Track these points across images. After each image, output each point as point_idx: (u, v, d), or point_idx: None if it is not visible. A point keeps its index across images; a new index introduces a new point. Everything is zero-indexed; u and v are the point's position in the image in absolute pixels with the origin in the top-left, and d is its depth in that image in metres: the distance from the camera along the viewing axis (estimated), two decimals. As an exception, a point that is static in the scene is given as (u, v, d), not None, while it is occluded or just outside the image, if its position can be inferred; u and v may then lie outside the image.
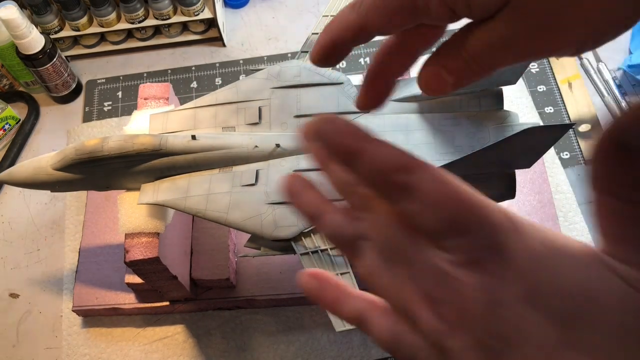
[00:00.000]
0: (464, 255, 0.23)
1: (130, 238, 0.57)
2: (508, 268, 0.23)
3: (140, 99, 0.64)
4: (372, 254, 0.26)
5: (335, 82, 0.58)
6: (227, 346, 0.70)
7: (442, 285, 0.23)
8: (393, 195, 0.24)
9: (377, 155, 0.25)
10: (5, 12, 0.76)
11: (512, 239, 0.23)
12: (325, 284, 0.29)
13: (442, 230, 0.23)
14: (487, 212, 0.23)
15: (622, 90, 0.83)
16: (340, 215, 0.27)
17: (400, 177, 0.24)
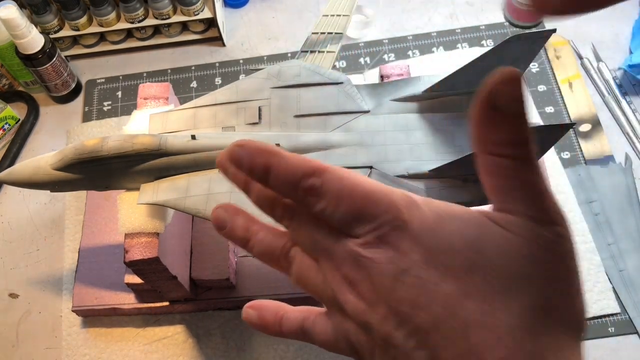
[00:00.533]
0: (372, 236, 0.26)
1: (130, 238, 0.57)
2: (409, 239, 0.25)
3: (140, 98, 0.64)
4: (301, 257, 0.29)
5: (335, 81, 0.58)
6: (227, 346, 0.70)
7: (356, 267, 0.26)
8: (305, 200, 0.27)
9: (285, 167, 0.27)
10: (5, 12, 0.75)
11: (410, 214, 0.26)
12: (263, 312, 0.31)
13: (349, 220, 0.26)
14: (386, 196, 0.26)
15: (622, 90, 0.83)
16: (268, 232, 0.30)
17: (307, 182, 0.27)
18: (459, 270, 0.25)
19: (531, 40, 0.50)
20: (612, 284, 0.70)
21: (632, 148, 0.79)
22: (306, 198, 0.27)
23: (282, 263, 0.30)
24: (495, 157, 0.26)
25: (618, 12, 0.91)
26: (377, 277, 0.26)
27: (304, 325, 0.30)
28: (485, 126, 0.26)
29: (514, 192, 0.26)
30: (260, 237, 0.30)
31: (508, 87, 0.24)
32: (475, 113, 0.26)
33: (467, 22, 0.92)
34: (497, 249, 0.25)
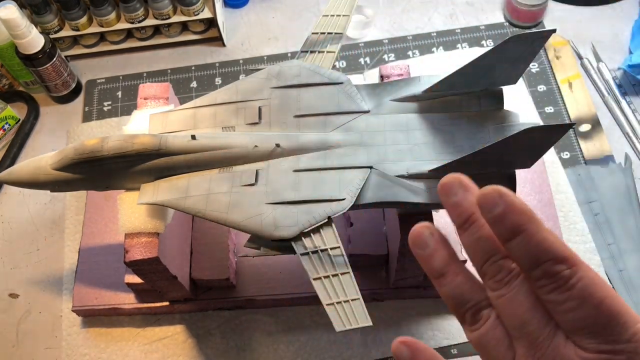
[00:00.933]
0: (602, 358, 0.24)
1: (130, 238, 0.57)
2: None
3: (140, 98, 0.64)
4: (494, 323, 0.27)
5: (335, 81, 0.58)
6: (227, 346, 0.70)
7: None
8: (542, 282, 0.25)
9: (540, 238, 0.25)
10: (5, 12, 0.75)
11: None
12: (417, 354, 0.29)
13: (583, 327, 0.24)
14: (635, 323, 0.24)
15: (622, 90, 0.83)
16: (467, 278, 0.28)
17: (557, 267, 0.25)
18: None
19: (531, 40, 0.50)
20: (612, 284, 0.70)
21: (632, 148, 0.79)
22: (543, 280, 0.25)
23: (467, 317, 0.28)
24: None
25: (618, 12, 0.91)
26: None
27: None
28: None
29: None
30: (458, 279, 0.28)
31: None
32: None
33: (467, 22, 0.92)
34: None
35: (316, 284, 0.49)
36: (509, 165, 0.52)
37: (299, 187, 0.53)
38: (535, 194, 0.73)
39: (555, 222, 0.71)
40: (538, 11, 0.88)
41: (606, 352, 0.24)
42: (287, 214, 0.52)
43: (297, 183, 0.53)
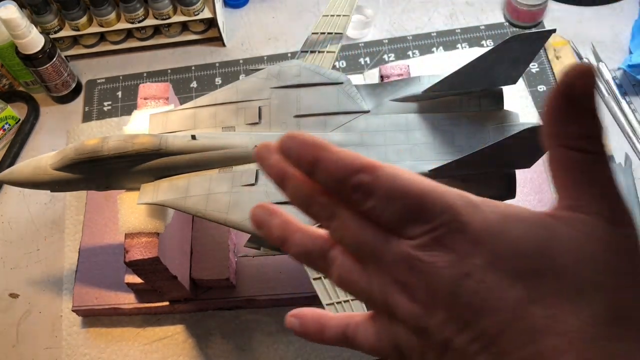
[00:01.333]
0: (428, 238, 0.25)
1: (130, 238, 0.57)
2: (469, 242, 0.24)
3: (140, 98, 0.64)
4: (344, 258, 0.28)
5: (335, 82, 0.58)
6: (227, 346, 0.70)
7: (411, 270, 0.25)
8: (353, 197, 0.26)
9: (335, 160, 0.26)
10: (5, 12, 0.76)
11: (469, 216, 0.25)
12: (305, 319, 0.30)
13: (402, 220, 0.25)
14: (441, 196, 0.25)
15: (622, 90, 0.83)
16: (305, 233, 0.29)
17: (357, 178, 0.25)
18: (527, 275, 0.24)
19: (531, 40, 0.50)
20: (612, 284, 0.70)
21: (632, 148, 0.79)
22: (354, 195, 0.26)
23: (320, 264, 0.29)
24: (570, 151, 0.25)
25: (618, 12, 0.91)
26: (435, 281, 0.25)
27: (347, 332, 0.29)
28: (560, 119, 0.25)
29: (588, 188, 0.25)
30: (297, 237, 0.29)
31: (584, 82, 0.24)
32: (550, 106, 0.25)
33: (467, 22, 0.92)
34: (567, 253, 0.24)
35: (316, 284, 0.49)
36: (509, 165, 0.52)
37: (299, 187, 0.53)
38: (535, 194, 0.73)
39: (555, 222, 0.71)
40: (538, 11, 0.88)
41: (429, 231, 0.25)
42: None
43: (297, 183, 0.53)
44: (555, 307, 0.24)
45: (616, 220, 0.25)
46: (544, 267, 0.24)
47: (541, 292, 0.24)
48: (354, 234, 0.27)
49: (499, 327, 0.24)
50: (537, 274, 0.24)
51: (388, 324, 0.27)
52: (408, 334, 0.26)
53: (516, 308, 0.24)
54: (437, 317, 0.25)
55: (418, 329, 0.26)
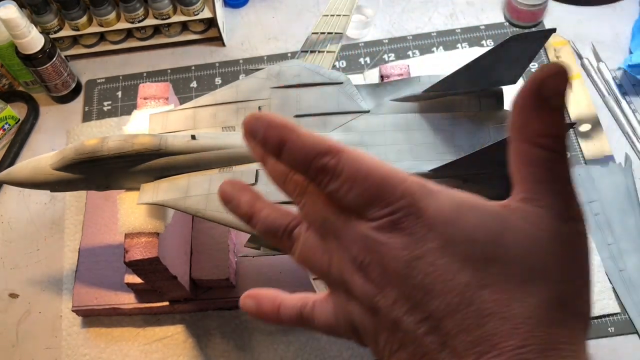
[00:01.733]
0: (385, 221, 0.26)
1: (130, 238, 0.57)
2: (424, 227, 0.25)
3: (140, 98, 0.64)
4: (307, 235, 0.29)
5: (335, 81, 0.58)
6: (227, 346, 0.70)
7: (368, 250, 0.26)
8: (318, 178, 0.27)
9: (300, 142, 0.27)
10: (5, 12, 0.75)
11: (426, 202, 0.26)
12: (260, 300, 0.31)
13: (362, 202, 0.26)
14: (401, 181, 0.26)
15: (622, 90, 0.83)
16: (273, 210, 0.30)
17: (322, 161, 0.26)
18: (477, 261, 0.25)
19: (531, 40, 0.50)
20: (612, 283, 0.70)
21: (632, 148, 0.79)
22: (319, 176, 0.27)
23: (285, 241, 0.30)
24: (533, 147, 0.26)
25: (618, 12, 0.91)
26: (389, 262, 0.26)
27: (303, 311, 0.30)
28: (528, 115, 0.26)
29: (546, 184, 0.26)
30: (264, 213, 0.30)
31: (556, 81, 0.25)
32: (520, 101, 0.26)
33: (467, 22, 0.92)
34: (517, 242, 0.25)
35: (316, 284, 0.49)
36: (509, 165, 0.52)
37: (299, 187, 0.53)
38: (535, 194, 0.73)
39: (555, 222, 0.71)
40: (538, 11, 0.88)
41: (387, 214, 0.26)
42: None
43: (297, 183, 0.53)
44: (503, 293, 0.24)
45: (568, 216, 0.26)
46: (495, 254, 0.25)
47: (490, 278, 0.25)
48: (319, 211, 0.28)
49: (446, 309, 0.25)
50: (488, 260, 0.25)
51: (344, 303, 0.28)
52: (362, 313, 0.27)
53: (464, 292, 0.24)
54: (389, 297, 0.26)
55: (371, 307, 0.26)
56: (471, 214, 0.26)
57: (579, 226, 0.26)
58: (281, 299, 0.31)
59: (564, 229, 0.26)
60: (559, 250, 0.25)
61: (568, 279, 0.25)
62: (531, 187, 0.27)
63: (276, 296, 0.31)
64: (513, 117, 0.27)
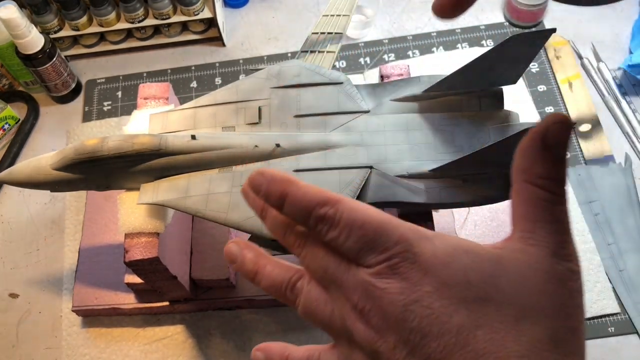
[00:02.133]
0: (383, 267, 0.27)
1: (130, 238, 0.57)
2: (420, 271, 0.26)
3: (140, 98, 0.64)
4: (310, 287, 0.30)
5: (335, 81, 0.58)
6: (227, 346, 0.70)
7: (367, 296, 0.27)
8: (317, 228, 0.28)
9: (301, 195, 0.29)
10: (5, 12, 0.75)
11: (421, 247, 0.27)
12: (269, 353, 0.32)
13: (360, 249, 0.27)
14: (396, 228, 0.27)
15: (622, 90, 0.83)
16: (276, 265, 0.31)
17: (321, 211, 0.28)
18: (471, 302, 0.26)
19: (531, 40, 0.50)
20: (612, 284, 0.70)
21: (632, 148, 0.79)
22: (318, 226, 0.28)
23: (288, 295, 0.31)
24: (534, 187, 0.28)
25: (618, 12, 0.91)
26: (387, 306, 0.26)
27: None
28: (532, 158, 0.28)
29: (544, 223, 0.27)
30: (267, 269, 0.31)
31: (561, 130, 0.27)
32: (525, 145, 0.28)
33: (467, 22, 0.92)
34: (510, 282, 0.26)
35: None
36: (509, 166, 0.52)
37: (299, 187, 0.53)
38: (535, 194, 0.73)
39: (555, 222, 0.71)
40: (538, 11, 0.88)
41: (384, 260, 0.27)
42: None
43: (297, 183, 0.53)
44: (498, 333, 0.25)
45: (563, 256, 0.27)
46: (488, 295, 0.26)
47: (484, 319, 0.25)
48: (320, 260, 0.29)
49: (444, 352, 0.25)
50: (482, 301, 0.26)
51: (348, 351, 0.29)
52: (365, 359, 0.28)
53: (460, 333, 0.25)
54: (389, 341, 0.26)
55: (372, 353, 0.27)
56: (465, 257, 0.27)
57: (574, 266, 0.27)
58: (289, 351, 0.32)
59: (558, 268, 0.27)
60: (553, 289, 0.26)
61: (562, 317, 0.26)
62: (529, 226, 0.28)
63: (284, 349, 0.32)
64: (517, 160, 0.28)
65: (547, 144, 0.27)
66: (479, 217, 0.72)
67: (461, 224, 0.72)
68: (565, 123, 0.27)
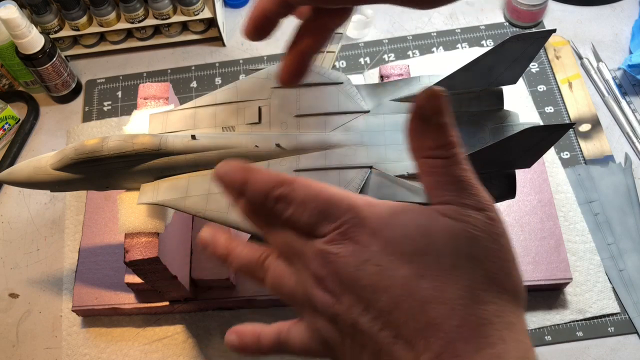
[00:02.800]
0: (335, 234, 0.29)
1: (130, 238, 0.57)
2: (368, 233, 0.29)
3: (140, 98, 0.64)
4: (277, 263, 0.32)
5: (335, 81, 0.58)
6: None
7: (323, 263, 0.29)
8: (277, 207, 0.30)
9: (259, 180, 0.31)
10: (5, 12, 0.76)
11: (368, 212, 0.29)
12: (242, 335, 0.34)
13: (314, 221, 0.30)
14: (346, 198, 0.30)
15: (622, 90, 0.83)
16: (246, 246, 0.33)
17: (277, 191, 0.30)
18: (413, 255, 0.28)
19: (531, 40, 0.50)
20: (612, 283, 0.70)
21: (632, 148, 0.79)
22: (277, 206, 0.30)
23: (258, 273, 0.33)
24: (429, 159, 0.30)
25: (618, 12, 0.91)
26: (341, 269, 0.29)
27: (280, 337, 0.33)
28: (418, 136, 0.31)
29: (448, 185, 0.30)
30: (238, 251, 0.33)
31: (433, 101, 0.30)
32: (409, 126, 0.31)
33: (467, 22, 0.92)
34: (443, 234, 0.29)
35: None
36: (509, 165, 0.52)
37: (299, 187, 0.53)
38: (535, 194, 0.73)
39: (555, 222, 0.71)
40: (538, 11, 0.88)
41: (336, 228, 0.29)
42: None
43: (297, 183, 0.53)
44: (438, 280, 0.28)
45: (477, 207, 0.29)
46: (426, 247, 0.28)
47: (426, 269, 0.28)
48: (283, 237, 0.31)
49: (393, 303, 0.28)
50: (421, 253, 0.28)
51: (312, 319, 0.31)
52: (328, 326, 0.30)
53: (405, 284, 0.28)
54: (345, 302, 0.29)
55: (333, 316, 0.29)
56: (403, 215, 0.30)
57: (491, 214, 0.30)
58: (260, 329, 0.33)
59: (476, 217, 0.29)
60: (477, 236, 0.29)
61: (490, 260, 0.29)
62: (439, 194, 0.30)
63: (255, 328, 0.34)
64: (409, 142, 0.31)
65: (426, 117, 0.30)
66: (479, 217, 0.72)
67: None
68: (433, 93, 0.29)
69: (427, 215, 0.30)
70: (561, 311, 0.68)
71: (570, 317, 0.68)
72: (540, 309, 0.69)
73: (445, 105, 0.30)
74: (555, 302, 0.69)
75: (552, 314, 0.68)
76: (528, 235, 0.70)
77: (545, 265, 0.68)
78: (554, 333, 0.68)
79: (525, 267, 0.68)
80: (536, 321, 0.68)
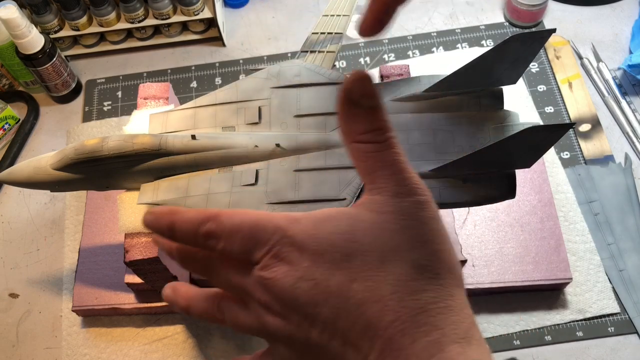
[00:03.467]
0: (267, 258, 0.29)
1: (130, 238, 0.57)
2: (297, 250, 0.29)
3: (140, 98, 0.64)
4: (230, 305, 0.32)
5: (335, 81, 0.58)
6: (227, 346, 0.70)
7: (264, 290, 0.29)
8: (208, 244, 0.30)
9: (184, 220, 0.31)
10: (5, 12, 0.75)
11: (293, 229, 0.29)
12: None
13: (246, 250, 0.30)
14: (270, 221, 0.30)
15: (622, 90, 0.83)
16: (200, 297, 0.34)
17: (204, 228, 0.30)
18: (342, 262, 0.28)
19: (531, 40, 0.50)
20: (612, 283, 0.70)
21: (632, 148, 0.79)
22: (207, 242, 0.30)
23: (217, 318, 0.33)
24: (360, 144, 0.30)
25: (618, 12, 0.91)
26: (280, 292, 0.29)
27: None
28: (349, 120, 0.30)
29: (378, 171, 0.30)
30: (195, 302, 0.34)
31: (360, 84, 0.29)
32: (339, 111, 0.30)
33: (467, 22, 0.92)
34: (368, 233, 0.29)
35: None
36: (509, 165, 0.52)
37: (299, 187, 0.53)
38: (535, 194, 0.73)
39: (555, 222, 0.71)
40: (538, 11, 0.88)
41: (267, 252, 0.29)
42: (287, 214, 0.51)
43: (297, 183, 0.53)
44: (369, 280, 0.28)
45: (404, 192, 0.29)
46: (352, 250, 0.28)
47: (355, 272, 0.28)
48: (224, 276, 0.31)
49: (334, 312, 0.28)
50: (348, 258, 0.28)
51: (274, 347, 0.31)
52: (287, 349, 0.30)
53: (340, 291, 0.28)
54: (293, 321, 0.29)
55: (287, 339, 0.29)
56: (327, 224, 0.29)
57: (419, 197, 0.29)
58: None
59: (404, 205, 0.29)
60: (403, 224, 0.29)
61: (418, 247, 0.29)
62: (370, 179, 0.30)
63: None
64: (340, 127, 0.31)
65: (354, 101, 0.29)
66: (479, 217, 0.72)
67: (461, 224, 0.72)
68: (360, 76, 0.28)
69: (352, 217, 0.29)
70: (561, 311, 0.68)
71: (570, 317, 0.68)
72: (540, 309, 0.69)
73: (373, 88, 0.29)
74: (555, 302, 0.69)
75: (552, 314, 0.68)
76: (528, 235, 0.70)
77: (546, 265, 0.68)
78: (554, 333, 0.68)
79: (525, 267, 0.68)
80: (536, 321, 0.68)
